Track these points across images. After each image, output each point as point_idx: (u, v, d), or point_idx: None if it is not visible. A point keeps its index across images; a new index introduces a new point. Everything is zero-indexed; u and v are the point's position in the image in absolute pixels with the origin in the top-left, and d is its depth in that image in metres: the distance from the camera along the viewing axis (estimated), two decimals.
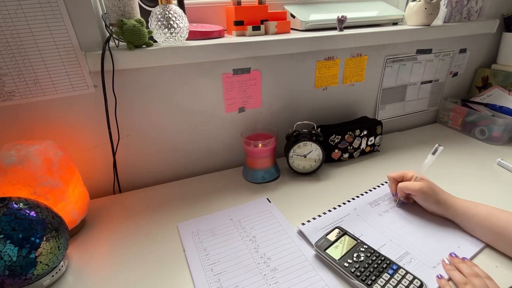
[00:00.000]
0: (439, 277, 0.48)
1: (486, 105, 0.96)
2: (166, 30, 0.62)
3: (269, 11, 0.77)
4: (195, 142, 0.79)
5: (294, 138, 0.76)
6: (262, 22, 0.76)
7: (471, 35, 0.97)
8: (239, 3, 0.73)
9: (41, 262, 0.46)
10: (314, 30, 0.80)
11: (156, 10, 0.62)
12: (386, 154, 0.88)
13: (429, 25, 0.86)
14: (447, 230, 0.58)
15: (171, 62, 0.65)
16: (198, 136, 0.79)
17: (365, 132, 0.83)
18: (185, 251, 0.56)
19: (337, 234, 0.55)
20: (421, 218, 0.61)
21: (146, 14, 0.65)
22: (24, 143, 0.54)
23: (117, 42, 0.63)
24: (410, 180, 0.62)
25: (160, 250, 0.57)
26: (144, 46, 0.63)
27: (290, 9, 0.83)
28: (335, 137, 0.80)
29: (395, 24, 0.91)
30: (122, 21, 0.58)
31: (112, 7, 0.61)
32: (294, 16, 0.81)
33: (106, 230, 0.62)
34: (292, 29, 0.82)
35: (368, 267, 0.49)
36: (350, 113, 0.94)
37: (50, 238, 0.47)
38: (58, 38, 0.58)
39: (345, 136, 0.81)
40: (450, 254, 0.52)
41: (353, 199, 0.67)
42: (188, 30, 0.66)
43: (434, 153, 0.62)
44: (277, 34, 0.76)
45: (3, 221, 0.44)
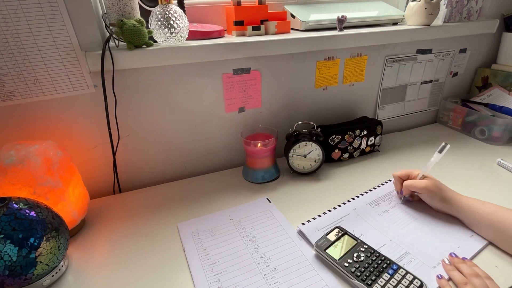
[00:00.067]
0: (439, 277, 0.48)
1: (486, 105, 0.96)
2: (166, 30, 0.62)
3: (269, 11, 0.77)
4: (195, 142, 0.79)
5: (294, 138, 0.76)
6: (262, 22, 0.76)
7: (471, 35, 0.97)
8: (239, 3, 0.73)
9: (41, 262, 0.46)
10: (314, 30, 0.80)
11: (156, 10, 0.62)
12: (386, 154, 0.88)
13: (429, 25, 0.86)
14: (448, 230, 0.58)
15: (171, 62, 0.65)
16: (198, 136, 0.79)
17: (365, 132, 0.83)
18: (185, 251, 0.56)
19: (337, 234, 0.55)
20: (421, 219, 0.61)
21: (146, 14, 0.65)
22: (24, 143, 0.54)
23: (117, 42, 0.63)
24: (415, 178, 0.62)
25: (160, 250, 0.57)
26: (144, 46, 0.63)
27: (290, 9, 0.83)
28: (335, 137, 0.80)
29: (395, 24, 0.91)
30: (122, 21, 0.58)
31: (112, 7, 0.61)
32: (294, 16, 0.81)
33: (106, 230, 0.62)
34: (292, 29, 0.82)
35: (368, 267, 0.49)
36: (350, 113, 0.94)
37: (50, 238, 0.47)
38: (58, 38, 0.58)
39: (345, 136, 0.81)
40: (450, 254, 0.52)
41: (353, 199, 0.67)
42: (188, 30, 0.66)
43: (441, 151, 0.61)
44: (277, 34, 0.76)
45: (3, 221, 0.44)
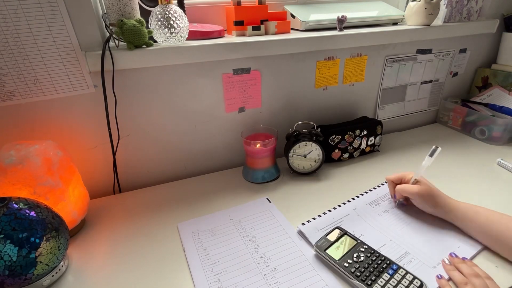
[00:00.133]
0: (439, 277, 0.48)
1: (486, 105, 0.96)
2: (166, 30, 0.62)
3: (269, 11, 0.77)
4: (195, 142, 0.79)
5: (294, 138, 0.76)
6: (262, 22, 0.76)
7: (471, 35, 0.97)
8: (239, 3, 0.73)
9: (41, 262, 0.46)
10: (314, 30, 0.80)
11: (156, 10, 0.62)
12: (386, 154, 0.88)
13: (429, 25, 0.86)
14: (447, 231, 0.58)
15: (171, 62, 0.65)
16: (198, 136, 0.79)
17: (365, 132, 0.83)
18: (185, 251, 0.56)
19: (337, 234, 0.55)
20: (421, 219, 0.61)
21: (146, 14, 0.65)
22: (24, 143, 0.54)
23: (117, 42, 0.63)
24: (409, 182, 0.62)
25: (160, 250, 0.57)
26: (144, 46, 0.63)
27: (290, 9, 0.83)
28: (335, 137, 0.80)
29: (395, 24, 0.91)
30: (122, 21, 0.58)
31: (112, 7, 0.61)
32: (294, 16, 0.81)
33: (106, 230, 0.62)
34: (292, 29, 0.82)
35: (368, 267, 0.49)
36: (350, 113, 0.94)
37: (50, 238, 0.47)
38: (58, 38, 0.58)
39: (345, 136, 0.81)
40: (450, 254, 0.52)
41: (353, 199, 0.67)
42: (188, 30, 0.66)
43: (432, 155, 0.60)
44: (277, 34, 0.76)
45: (3, 221, 0.44)
